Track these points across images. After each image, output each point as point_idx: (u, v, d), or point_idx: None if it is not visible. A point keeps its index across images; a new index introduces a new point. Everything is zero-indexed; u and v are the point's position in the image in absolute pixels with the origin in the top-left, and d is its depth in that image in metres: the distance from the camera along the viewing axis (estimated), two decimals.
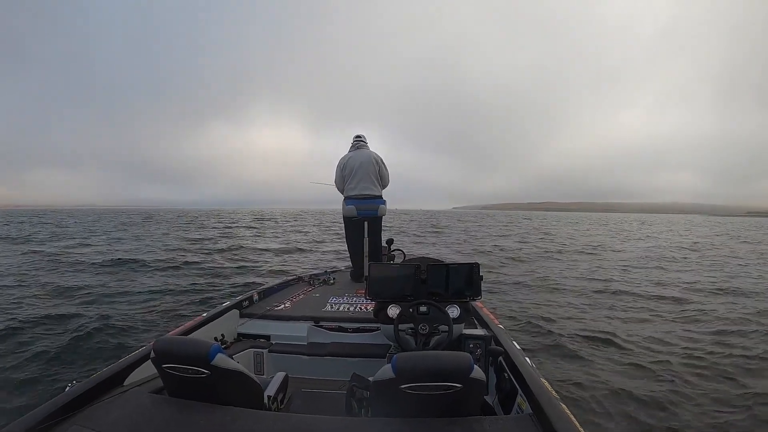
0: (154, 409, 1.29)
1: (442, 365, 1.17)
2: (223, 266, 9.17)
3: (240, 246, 13.64)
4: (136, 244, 14.04)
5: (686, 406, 2.84)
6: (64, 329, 4.31)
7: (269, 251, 12.62)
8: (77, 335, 4.07)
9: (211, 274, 8.11)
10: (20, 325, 4.33)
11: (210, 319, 2.46)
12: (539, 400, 1.32)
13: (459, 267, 2.16)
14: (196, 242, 15.18)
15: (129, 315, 4.94)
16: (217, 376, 1.28)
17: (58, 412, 1.28)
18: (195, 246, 13.65)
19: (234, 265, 9.33)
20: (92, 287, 6.59)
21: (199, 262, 9.75)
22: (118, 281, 7.27)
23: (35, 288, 6.49)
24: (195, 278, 7.62)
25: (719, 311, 5.49)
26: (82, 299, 5.84)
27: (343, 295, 3.36)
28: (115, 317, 4.74)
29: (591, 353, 3.87)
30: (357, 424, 1.29)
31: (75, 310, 5.12)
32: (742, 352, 3.88)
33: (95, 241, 15.55)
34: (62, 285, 6.69)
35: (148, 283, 7.12)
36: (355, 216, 4.03)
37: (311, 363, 2.43)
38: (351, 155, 4.15)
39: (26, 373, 3.23)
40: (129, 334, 4.26)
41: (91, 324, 4.39)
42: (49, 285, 6.70)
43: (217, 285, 6.97)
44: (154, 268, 8.73)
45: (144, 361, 1.71)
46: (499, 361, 1.85)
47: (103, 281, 7.22)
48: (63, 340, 3.94)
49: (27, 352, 3.63)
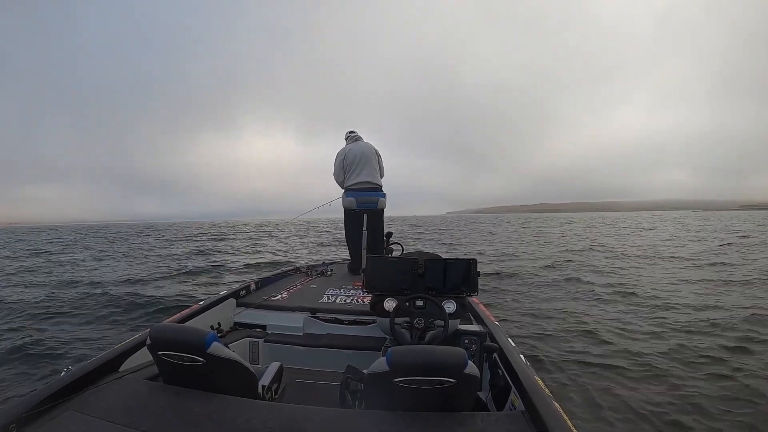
0: (149, 396, 1.30)
1: (437, 360, 1.17)
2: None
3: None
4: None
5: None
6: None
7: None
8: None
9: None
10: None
11: (206, 308, 2.46)
12: (532, 398, 1.32)
13: (456, 262, 2.16)
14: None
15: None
16: (213, 365, 1.28)
17: (53, 397, 1.28)
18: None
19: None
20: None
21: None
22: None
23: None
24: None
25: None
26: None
27: (340, 287, 3.37)
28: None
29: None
30: (350, 415, 1.30)
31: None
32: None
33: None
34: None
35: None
36: (355, 208, 4.02)
37: (306, 354, 2.44)
38: (350, 147, 4.13)
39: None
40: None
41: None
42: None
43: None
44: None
45: (140, 348, 1.72)
46: (494, 358, 1.86)
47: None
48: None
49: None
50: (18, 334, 4.53)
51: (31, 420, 1.18)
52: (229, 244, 18.86)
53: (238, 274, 9.37)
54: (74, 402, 1.29)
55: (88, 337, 4.45)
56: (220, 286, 7.13)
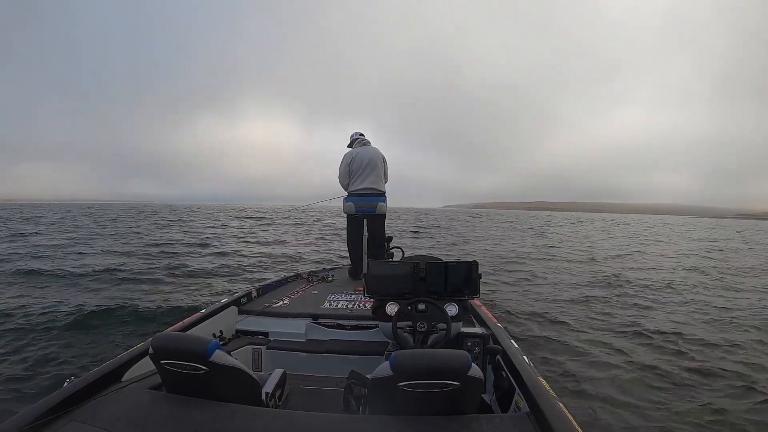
0: (152, 405, 1.30)
1: (440, 363, 1.17)
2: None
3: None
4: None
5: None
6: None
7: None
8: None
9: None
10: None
11: (208, 316, 2.46)
12: (537, 399, 1.32)
13: (458, 265, 2.16)
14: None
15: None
16: (216, 373, 1.28)
17: (56, 408, 1.28)
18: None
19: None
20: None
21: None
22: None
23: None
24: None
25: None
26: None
27: (341, 293, 3.36)
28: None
29: None
30: (354, 421, 1.29)
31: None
32: None
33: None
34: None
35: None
36: (354, 213, 4.03)
37: (309, 360, 2.43)
38: (358, 151, 4.12)
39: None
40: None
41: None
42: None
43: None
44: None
45: (142, 357, 1.71)
46: (497, 360, 1.86)
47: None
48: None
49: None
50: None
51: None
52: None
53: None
54: (77, 413, 1.28)
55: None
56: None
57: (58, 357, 3.51)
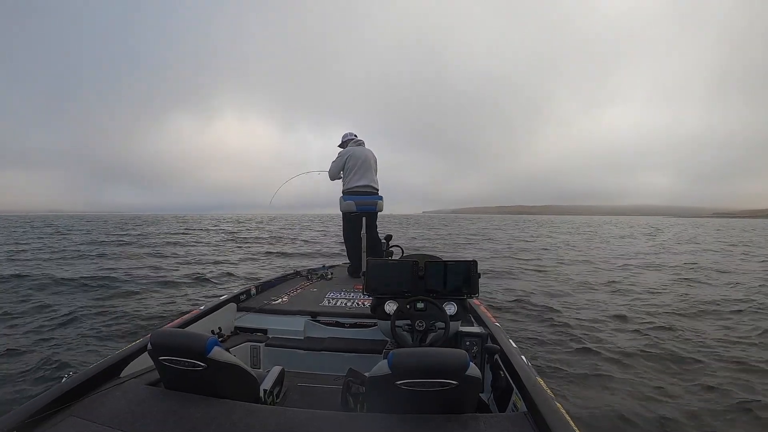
0: (150, 401, 1.30)
1: (438, 362, 1.17)
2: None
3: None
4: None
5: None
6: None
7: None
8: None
9: None
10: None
11: (207, 312, 2.46)
12: (534, 399, 1.32)
13: (457, 264, 2.16)
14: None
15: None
16: (214, 369, 1.28)
17: (55, 403, 1.28)
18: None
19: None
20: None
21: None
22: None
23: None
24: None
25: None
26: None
27: (340, 291, 3.36)
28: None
29: None
30: (352, 419, 1.30)
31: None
32: None
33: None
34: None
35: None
36: (354, 211, 4.02)
37: (308, 357, 2.44)
38: (354, 149, 4.14)
39: None
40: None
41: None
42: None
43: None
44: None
45: (141, 353, 1.71)
46: (495, 359, 1.86)
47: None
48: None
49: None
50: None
51: (33, 427, 1.18)
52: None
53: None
54: (76, 408, 1.29)
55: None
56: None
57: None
